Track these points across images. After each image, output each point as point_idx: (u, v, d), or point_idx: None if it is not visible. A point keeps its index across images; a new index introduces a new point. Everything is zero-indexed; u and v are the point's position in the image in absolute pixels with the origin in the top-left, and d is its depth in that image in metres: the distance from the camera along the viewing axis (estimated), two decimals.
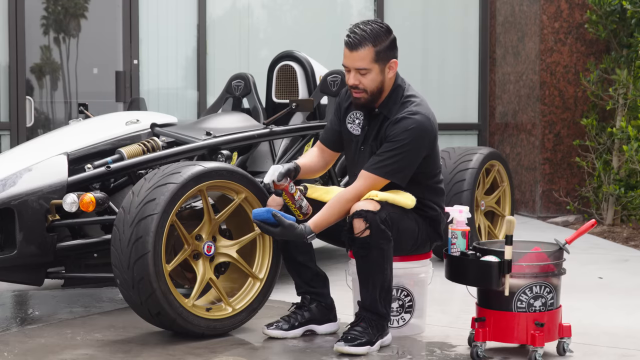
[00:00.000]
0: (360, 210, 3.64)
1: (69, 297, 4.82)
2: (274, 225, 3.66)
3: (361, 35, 3.76)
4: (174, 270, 4.02)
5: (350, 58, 3.79)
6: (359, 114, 3.92)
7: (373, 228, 3.62)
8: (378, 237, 3.64)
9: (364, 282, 3.73)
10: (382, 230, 3.64)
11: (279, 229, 3.65)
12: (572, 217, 7.86)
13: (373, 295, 3.71)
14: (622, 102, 7.41)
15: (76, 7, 7.83)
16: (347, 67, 3.81)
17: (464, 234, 3.67)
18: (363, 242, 3.64)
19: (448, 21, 8.80)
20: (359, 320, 3.73)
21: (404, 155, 3.73)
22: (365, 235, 3.63)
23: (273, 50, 6.50)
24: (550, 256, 3.59)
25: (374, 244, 3.64)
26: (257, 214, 3.69)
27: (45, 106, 7.77)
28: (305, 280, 4.00)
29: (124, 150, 4.52)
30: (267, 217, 3.66)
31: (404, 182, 3.79)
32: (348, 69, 3.82)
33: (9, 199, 4.06)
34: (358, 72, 3.79)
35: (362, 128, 3.91)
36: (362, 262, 3.70)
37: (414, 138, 3.73)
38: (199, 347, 3.79)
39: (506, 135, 8.60)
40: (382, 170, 3.74)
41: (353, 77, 3.81)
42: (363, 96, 3.82)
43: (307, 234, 3.68)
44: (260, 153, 5.53)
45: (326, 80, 5.64)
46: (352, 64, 3.79)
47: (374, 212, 3.63)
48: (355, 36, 3.77)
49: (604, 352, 3.77)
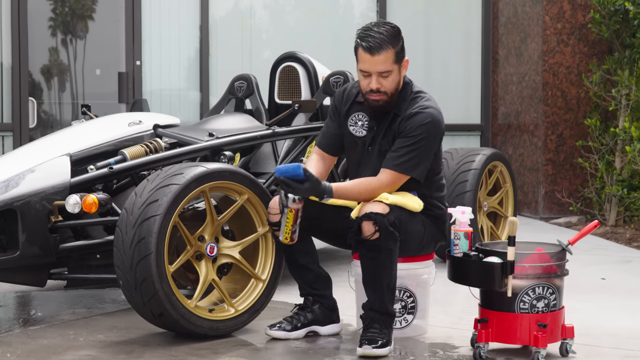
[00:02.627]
0: (369, 213, 3.63)
1: (72, 298, 4.83)
2: (300, 181, 3.58)
3: (380, 39, 3.73)
4: (177, 271, 4.02)
5: (371, 62, 3.74)
6: (361, 115, 3.90)
7: (382, 230, 3.62)
8: (387, 239, 3.64)
9: (371, 283, 3.72)
10: (390, 232, 3.64)
11: (307, 184, 3.58)
12: (575, 218, 7.86)
13: (381, 296, 3.71)
14: (625, 102, 7.40)
15: (83, 9, 7.84)
16: (368, 71, 3.76)
17: (466, 235, 3.67)
18: (372, 244, 3.64)
19: (451, 22, 8.80)
20: (372, 322, 3.72)
21: (421, 150, 3.75)
22: (374, 237, 3.63)
23: (275, 51, 6.50)
24: (552, 257, 3.59)
25: (383, 246, 3.64)
26: (284, 170, 3.57)
27: (49, 107, 7.78)
28: (307, 283, 3.99)
29: (126, 152, 4.52)
30: (298, 173, 3.56)
31: (422, 177, 3.80)
32: (367, 73, 3.77)
33: (11, 200, 4.07)
34: (380, 75, 3.75)
35: (368, 129, 3.89)
36: (370, 264, 3.69)
37: (429, 132, 3.75)
38: (201, 348, 3.79)
39: (509, 136, 8.59)
40: (402, 167, 3.74)
41: (375, 81, 3.76)
42: (383, 98, 3.79)
43: (327, 194, 3.65)
44: (262, 154, 5.53)
45: (329, 81, 5.64)
46: (374, 68, 3.74)
47: (383, 215, 3.63)
48: (375, 40, 3.72)
49: (607, 353, 3.76)
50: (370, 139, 3.88)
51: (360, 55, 3.77)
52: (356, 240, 3.68)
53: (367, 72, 3.76)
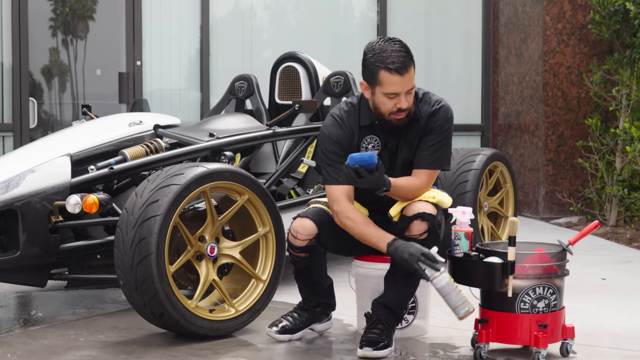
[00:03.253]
0: (422, 213, 3.62)
1: (72, 298, 4.83)
2: (371, 170, 3.50)
3: (403, 56, 3.62)
4: (177, 272, 4.02)
5: (401, 83, 3.62)
6: (370, 139, 3.79)
7: (431, 232, 3.64)
8: (433, 241, 3.65)
9: (399, 281, 3.71)
10: (437, 234, 3.67)
11: (377, 173, 3.51)
12: (575, 218, 7.86)
13: (403, 294, 3.73)
14: (625, 103, 7.40)
15: (84, 9, 7.84)
16: (397, 92, 3.64)
17: (467, 235, 3.67)
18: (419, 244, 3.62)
19: (451, 22, 8.81)
20: (376, 322, 3.72)
21: (448, 142, 3.78)
22: (422, 237, 3.63)
23: (276, 52, 6.51)
24: (553, 257, 3.59)
25: (427, 246, 3.63)
26: (359, 158, 3.47)
27: (50, 108, 7.78)
28: (316, 294, 3.97)
29: (127, 152, 4.52)
30: (373, 162, 3.48)
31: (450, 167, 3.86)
32: (395, 94, 3.65)
33: (12, 200, 4.07)
34: (408, 93, 3.67)
35: (382, 147, 3.79)
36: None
37: (451, 124, 3.80)
38: (202, 349, 3.79)
39: (509, 136, 8.59)
40: (437, 164, 3.75)
41: (405, 99, 3.66)
42: (408, 114, 3.72)
43: (387, 187, 3.60)
44: (263, 154, 5.54)
45: (329, 81, 5.64)
46: (405, 88, 3.64)
47: (433, 216, 3.65)
48: (399, 59, 3.61)
49: (608, 353, 3.76)
50: (388, 156, 3.80)
51: (385, 79, 3.62)
52: (401, 237, 3.66)
53: (394, 94, 3.65)
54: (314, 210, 3.80)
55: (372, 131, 3.79)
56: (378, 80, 3.64)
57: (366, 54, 3.68)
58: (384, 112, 3.70)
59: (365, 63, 3.68)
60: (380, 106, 3.70)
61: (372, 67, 3.64)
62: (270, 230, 4.11)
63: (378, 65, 3.62)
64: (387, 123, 3.73)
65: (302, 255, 3.79)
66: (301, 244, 3.76)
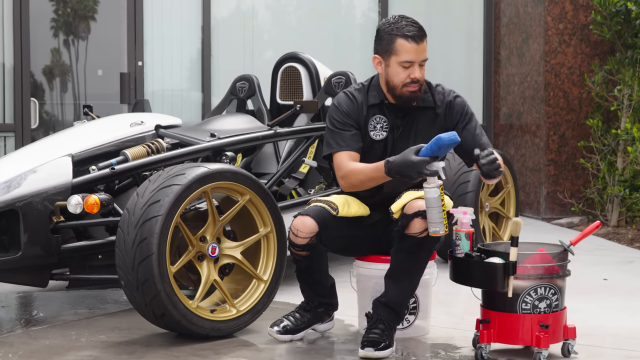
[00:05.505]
0: (423, 211, 3.60)
1: (74, 298, 4.83)
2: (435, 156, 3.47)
3: (419, 27, 3.74)
4: (179, 272, 4.02)
5: (417, 51, 3.70)
6: (379, 118, 3.81)
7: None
8: (433, 240, 3.66)
9: (400, 280, 3.71)
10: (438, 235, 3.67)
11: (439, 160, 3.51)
12: (577, 219, 7.85)
13: (404, 292, 3.72)
14: (627, 103, 7.40)
15: (85, 9, 7.85)
16: (412, 61, 3.70)
17: (468, 235, 3.67)
18: (418, 242, 3.63)
19: (452, 22, 8.80)
20: (377, 322, 3.71)
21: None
22: (422, 236, 3.62)
23: (277, 52, 6.51)
24: (554, 258, 3.59)
25: (427, 246, 3.64)
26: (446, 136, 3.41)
27: (51, 108, 7.78)
28: (318, 294, 3.97)
29: (128, 152, 4.52)
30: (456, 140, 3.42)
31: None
32: (410, 63, 3.71)
33: (13, 201, 4.07)
34: (421, 65, 3.74)
35: (389, 130, 3.80)
36: (406, 259, 3.68)
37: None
38: (203, 349, 3.79)
39: (511, 136, 8.59)
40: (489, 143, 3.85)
41: (419, 70, 3.72)
42: (420, 89, 3.76)
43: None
44: (264, 154, 5.54)
45: (330, 81, 5.64)
46: (419, 57, 3.71)
47: None
48: (415, 28, 3.72)
49: (609, 353, 3.76)
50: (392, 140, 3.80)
51: (401, 47, 3.69)
52: (400, 235, 3.66)
53: (411, 62, 3.70)
54: (315, 209, 3.80)
55: (381, 111, 3.82)
56: (394, 49, 3.71)
57: (381, 27, 3.78)
58: (397, 84, 3.74)
59: (380, 34, 3.77)
60: (393, 77, 3.74)
61: (388, 36, 3.73)
62: (271, 230, 4.11)
63: (395, 34, 3.71)
64: (399, 98, 3.76)
65: (303, 253, 3.79)
66: (302, 242, 3.76)
